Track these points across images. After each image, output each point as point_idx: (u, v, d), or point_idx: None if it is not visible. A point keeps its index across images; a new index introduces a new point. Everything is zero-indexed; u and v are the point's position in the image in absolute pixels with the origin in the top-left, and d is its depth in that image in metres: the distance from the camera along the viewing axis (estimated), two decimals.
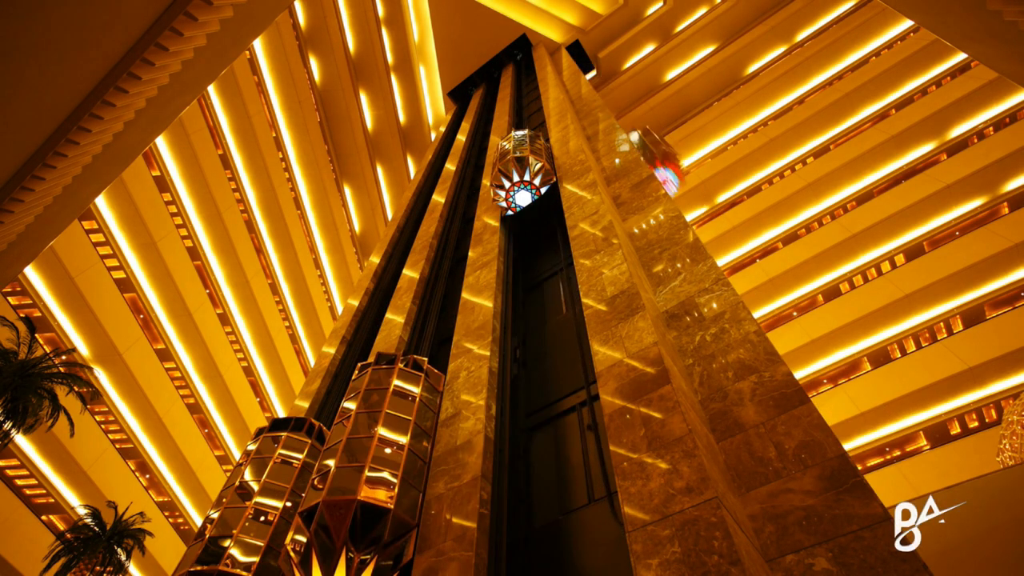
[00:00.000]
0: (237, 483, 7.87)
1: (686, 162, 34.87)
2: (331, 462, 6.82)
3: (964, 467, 18.16)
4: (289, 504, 7.63)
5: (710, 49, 35.40)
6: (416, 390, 8.09)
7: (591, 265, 8.56)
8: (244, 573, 6.78)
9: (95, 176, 12.90)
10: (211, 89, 30.84)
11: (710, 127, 34.26)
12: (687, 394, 5.77)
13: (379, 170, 41.12)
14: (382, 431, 7.12)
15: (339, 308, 45.10)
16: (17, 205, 11.54)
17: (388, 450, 7.00)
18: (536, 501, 6.80)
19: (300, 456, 8.32)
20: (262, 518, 7.36)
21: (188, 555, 7.07)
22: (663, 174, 24.88)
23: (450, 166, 22.73)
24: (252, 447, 8.53)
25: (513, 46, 35.96)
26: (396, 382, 7.99)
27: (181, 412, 32.34)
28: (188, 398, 33.00)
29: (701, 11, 35.14)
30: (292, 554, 6.29)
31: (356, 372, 8.64)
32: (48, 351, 22.47)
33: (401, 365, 8.30)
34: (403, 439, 7.19)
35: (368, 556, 6.04)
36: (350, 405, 7.78)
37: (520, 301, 11.18)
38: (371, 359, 8.69)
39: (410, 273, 14.65)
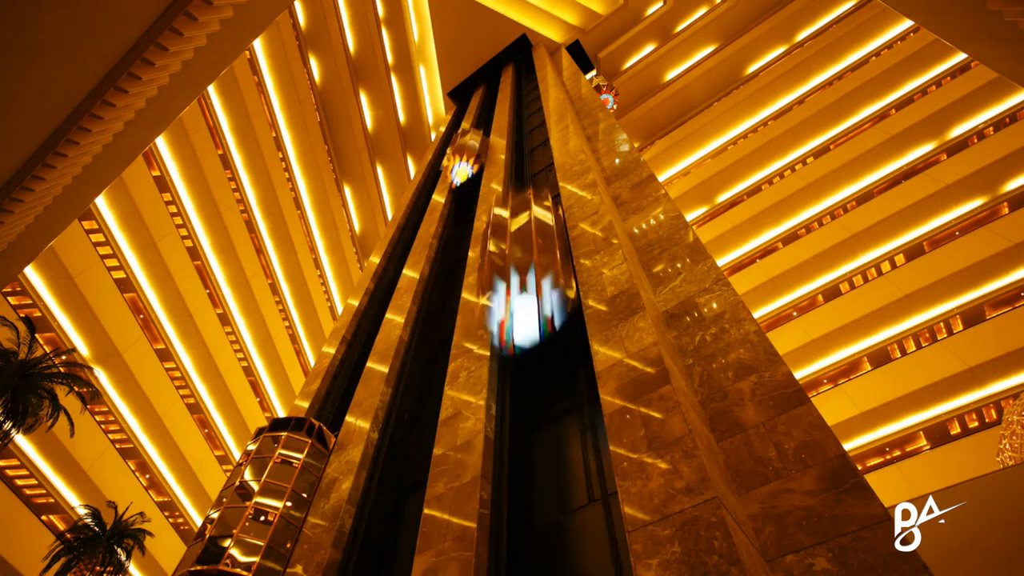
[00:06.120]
0: (237, 483, 8.04)
1: (686, 162, 34.95)
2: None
3: (964, 467, 18.14)
4: (289, 504, 7.76)
5: (710, 49, 35.39)
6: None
7: (591, 265, 8.55)
8: (244, 573, 6.94)
9: (95, 176, 12.91)
10: (211, 89, 30.83)
11: (710, 127, 34.25)
12: (687, 394, 5.77)
13: (379, 170, 41.11)
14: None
15: (339, 308, 45.09)
16: (17, 205, 11.55)
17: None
18: (536, 501, 6.80)
19: (300, 456, 8.47)
20: (262, 518, 7.54)
21: (188, 555, 7.33)
22: (606, 98, 32.07)
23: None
24: (252, 447, 8.67)
25: (513, 46, 35.91)
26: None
27: (181, 412, 32.35)
28: (188, 398, 33.01)
29: (701, 11, 35.13)
30: None
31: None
32: (48, 351, 22.46)
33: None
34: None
35: None
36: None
37: None
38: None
39: (410, 273, 14.64)
